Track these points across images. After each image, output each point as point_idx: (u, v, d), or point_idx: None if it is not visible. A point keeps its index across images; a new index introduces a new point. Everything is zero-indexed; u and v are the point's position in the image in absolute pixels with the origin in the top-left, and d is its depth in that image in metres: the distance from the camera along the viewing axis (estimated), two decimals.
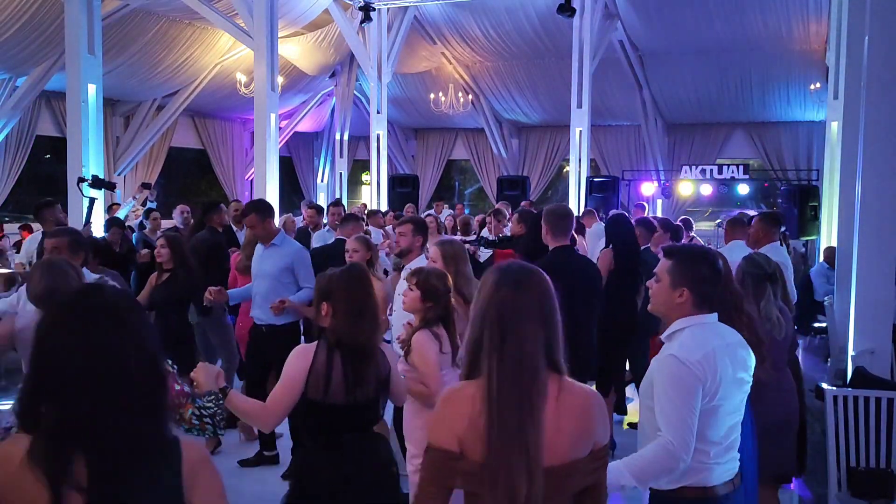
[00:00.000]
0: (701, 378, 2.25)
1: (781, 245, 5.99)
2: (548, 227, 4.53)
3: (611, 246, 5.44)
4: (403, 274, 4.25)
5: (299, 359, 2.69)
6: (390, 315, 4.32)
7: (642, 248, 5.83)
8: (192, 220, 8.14)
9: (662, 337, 2.44)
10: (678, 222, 7.97)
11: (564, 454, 1.72)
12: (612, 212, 8.07)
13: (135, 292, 5.80)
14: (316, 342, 2.74)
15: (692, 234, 9.13)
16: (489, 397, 1.67)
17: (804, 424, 3.64)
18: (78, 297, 1.54)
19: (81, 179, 7.86)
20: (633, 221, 6.06)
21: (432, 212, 10.76)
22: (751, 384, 2.45)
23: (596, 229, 8.52)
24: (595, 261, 5.15)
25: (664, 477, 2.25)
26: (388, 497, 2.78)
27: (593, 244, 7.61)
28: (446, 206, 14.99)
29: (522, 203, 11.21)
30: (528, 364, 1.70)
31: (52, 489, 1.39)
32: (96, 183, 7.56)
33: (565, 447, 1.73)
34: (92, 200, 7.32)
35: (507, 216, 8.40)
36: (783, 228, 10.94)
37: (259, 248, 5.11)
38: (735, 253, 4.66)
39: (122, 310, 1.51)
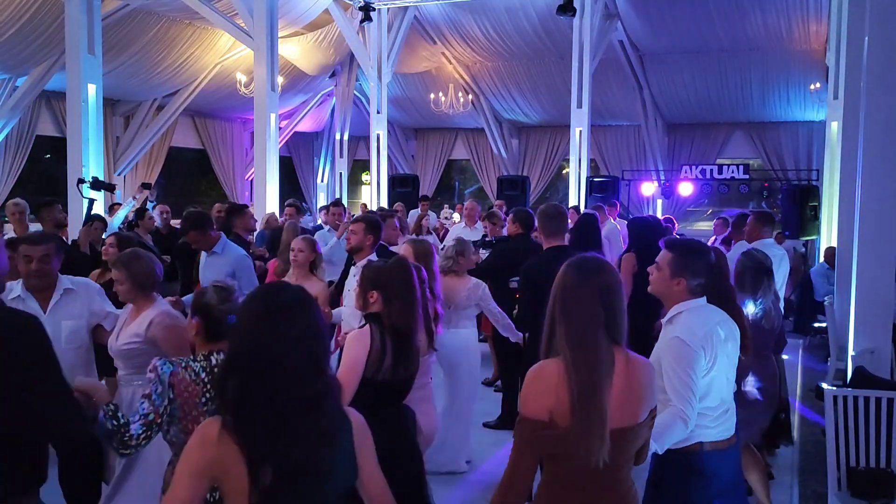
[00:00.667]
0: (701, 352, 2.61)
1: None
2: (540, 226, 4.55)
3: (633, 250, 5.40)
4: (353, 272, 4.50)
5: (358, 343, 2.98)
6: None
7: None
8: (170, 221, 8.09)
9: (663, 321, 2.76)
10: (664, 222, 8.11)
11: (634, 417, 2.02)
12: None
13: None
14: (367, 327, 3.04)
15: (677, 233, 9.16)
16: (567, 372, 1.95)
17: (785, 407, 4.19)
18: (267, 293, 1.85)
19: (81, 181, 7.84)
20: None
21: (417, 211, 10.76)
22: (738, 357, 2.84)
23: (607, 228, 8.44)
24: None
25: (676, 439, 2.57)
26: (419, 463, 3.12)
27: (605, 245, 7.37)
28: (447, 207, 14.99)
29: (496, 203, 11.29)
30: (590, 341, 1.97)
31: (248, 460, 1.63)
32: (96, 184, 7.55)
33: (635, 411, 2.03)
34: (91, 201, 7.30)
35: (503, 217, 8.39)
36: (783, 231, 10.98)
37: (202, 256, 5.18)
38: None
39: (302, 304, 1.78)
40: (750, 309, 3.92)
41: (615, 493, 2.03)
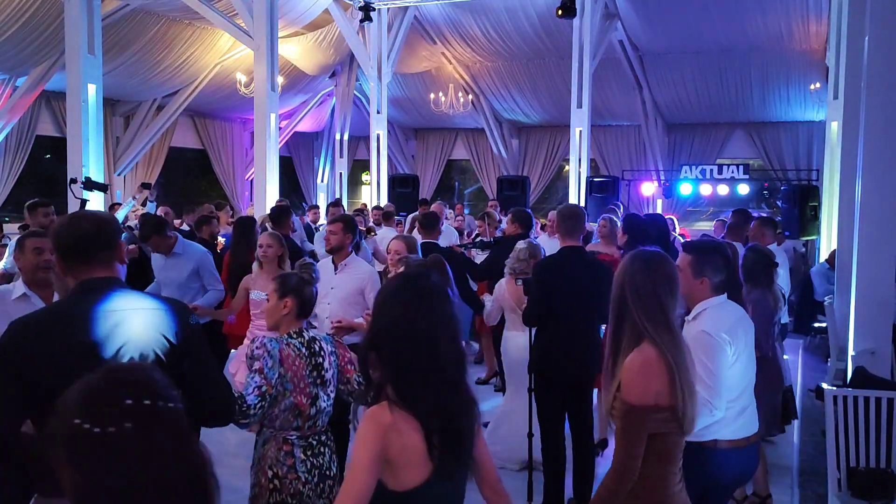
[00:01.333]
0: (727, 345, 2.79)
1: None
2: (556, 226, 4.55)
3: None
4: (331, 269, 4.62)
5: None
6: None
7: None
8: (171, 221, 8.01)
9: (688, 318, 2.93)
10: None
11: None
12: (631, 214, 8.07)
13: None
14: None
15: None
16: (662, 355, 2.21)
17: (787, 393, 4.54)
18: (410, 279, 2.00)
19: (73, 180, 7.81)
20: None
21: (417, 214, 10.79)
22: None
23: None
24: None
25: (701, 425, 2.65)
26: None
27: None
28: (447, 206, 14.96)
29: (490, 203, 11.32)
30: (672, 325, 2.28)
31: (424, 429, 1.82)
32: (88, 185, 7.52)
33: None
34: (83, 202, 7.27)
35: (497, 218, 8.42)
36: (783, 231, 10.98)
37: (160, 258, 5.24)
38: None
39: (443, 290, 1.97)
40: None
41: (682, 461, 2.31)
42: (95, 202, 9.00)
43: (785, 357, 4.87)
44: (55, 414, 1.16)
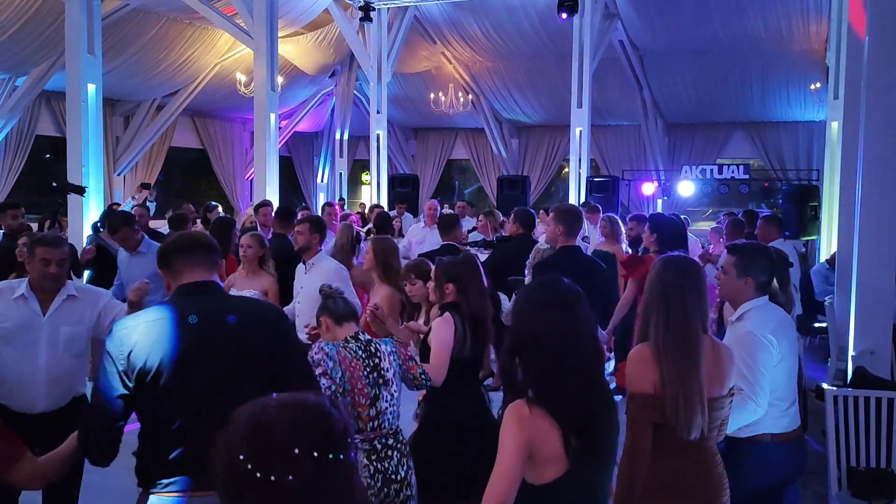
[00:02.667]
0: (773, 345, 2.87)
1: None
2: (562, 226, 4.46)
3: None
4: (302, 270, 4.79)
5: (447, 327, 3.37)
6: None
7: None
8: (147, 221, 7.84)
9: (732, 318, 3.04)
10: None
11: (721, 389, 2.45)
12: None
13: None
14: (448, 314, 3.41)
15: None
16: (657, 353, 2.34)
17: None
18: (545, 286, 2.13)
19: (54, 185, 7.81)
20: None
21: (394, 212, 10.78)
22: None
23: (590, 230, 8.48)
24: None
25: (746, 421, 2.83)
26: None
27: None
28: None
29: (458, 205, 11.35)
30: (693, 329, 2.37)
31: (561, 428, 1.89)
32: (63, 188, 7.41)
33: (721, 385, 2.46)
34: (59, 205, 7.22)
35: (501, 219, 8.44)
36: (783, 231, 10.98)
37: (126, 256, 5.27)
38: None
39: (575, 294, 2.07)
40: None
41: (706, 459, 2.41)
42: (98, 203, 9.01)
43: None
44: (221, 435, 1.09)
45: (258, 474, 1.03)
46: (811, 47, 14.08)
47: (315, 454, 1.04)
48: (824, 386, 4.35)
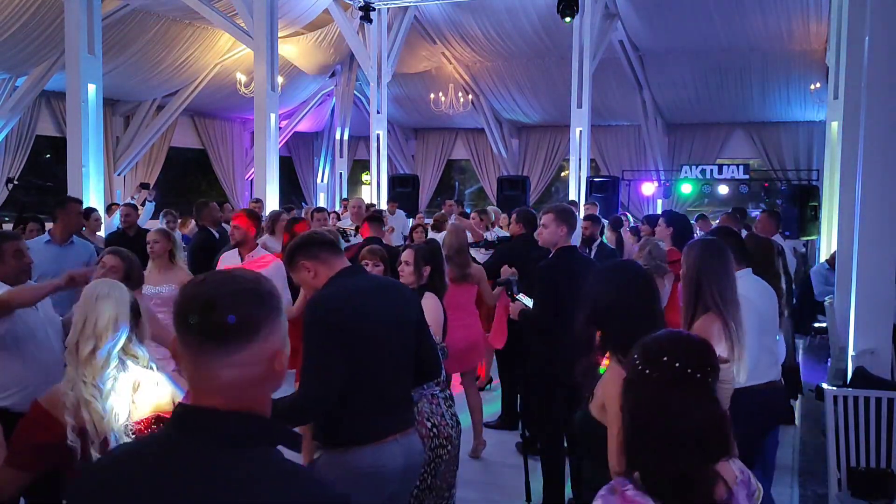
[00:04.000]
0: (758, 309, 3.33)
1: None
2: (565, 227, 4.42)
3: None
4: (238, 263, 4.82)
5: (437, 305, 3.87)
6: None
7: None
8: (134, 220, 7.71)
9: None
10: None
11: None
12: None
13: None
14: (430, 294, 3.90)
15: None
16: (725, 321, 2.89)
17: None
18: (620, 266, 2.78)
19: (10, 180, 7.47)
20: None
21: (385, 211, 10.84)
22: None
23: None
24: None
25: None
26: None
27: None
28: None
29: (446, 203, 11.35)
30: (736, 299, 2.94)
31: None
32: (25, 186, 7.14)
33: None
34: (22, 203, 6.93)
35: (493, 218, 8.46)
36: (783, 231, 11.00)
37: (53, 248, 5.03)
38: None
39: (646, 274, 2.56)
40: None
41: None
42: (97, 203, 9.01)
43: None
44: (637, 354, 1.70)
45: (647, 371, 1.65)
46: (811, 47, 14.09)
47: (677, 364, 1.63)
48: (824, 386, 4.35)
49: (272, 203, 10.53)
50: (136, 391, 2.32)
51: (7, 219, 12.85)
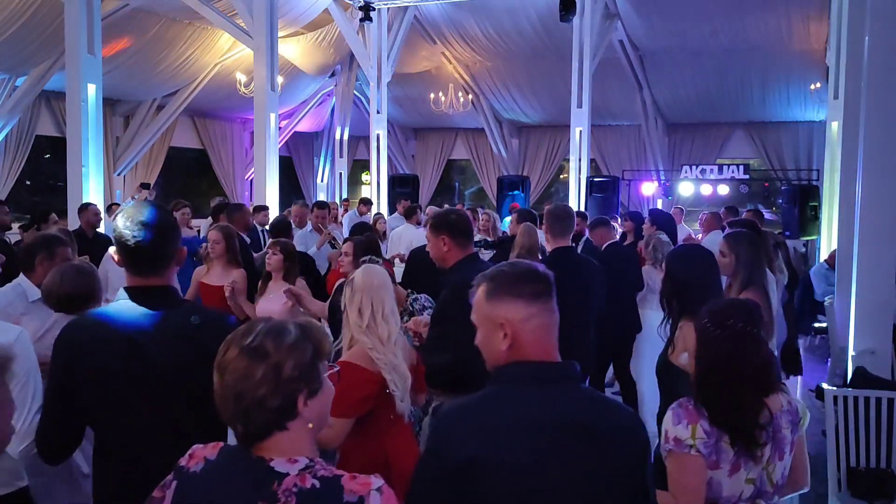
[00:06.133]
0: None
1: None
2: (546, 227, 4.50)
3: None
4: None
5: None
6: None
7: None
8: (98, 225, 7.47)
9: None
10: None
11: None
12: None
13: None
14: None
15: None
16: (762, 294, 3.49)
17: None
18: (693, 249, 3.33)
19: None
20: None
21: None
22: None
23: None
24: None
25: None
26: None
27: None
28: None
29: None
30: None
31: None
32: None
33: None
34: (33, 205, 7.03)
35: (482, 219, 8.39)
36: (784, 231, 11.00)
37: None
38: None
39: (710, 255, 3.12)
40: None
41: None
42: (98, 202, 9.01)
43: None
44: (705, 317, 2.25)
45: (716, 331, 2.19)
46: (811, 47, 14.08)
47: (740, 324, 2.17)
48: (824, 386, 4.35)
49: (272, 204, 10.53)
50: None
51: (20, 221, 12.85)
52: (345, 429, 2.71)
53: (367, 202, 12.26)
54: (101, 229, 7.60)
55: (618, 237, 6.94)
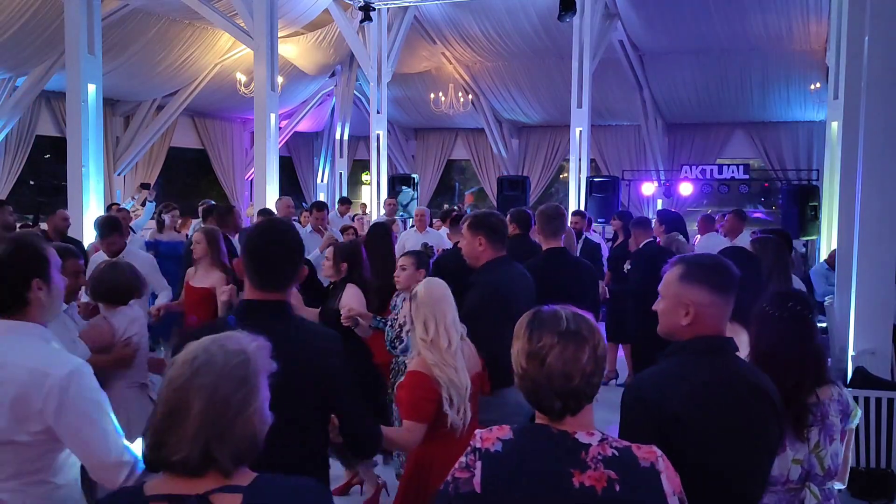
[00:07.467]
0: None
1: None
2: (538, 227, 4.48)
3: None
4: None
5: (358, 293, 4.33)
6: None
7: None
8: (67, 228, 7.26)
9: None
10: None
11: None
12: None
13: None
14: (351, 285, 4.36)
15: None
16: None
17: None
18: (740, 250, 3.32)
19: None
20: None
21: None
22: None
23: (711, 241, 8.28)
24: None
25: None
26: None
27: None
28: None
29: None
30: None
31: None
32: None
33: None
34: (38, 206, 7.05)
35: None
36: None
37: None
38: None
39: (754, 259, 3.27)
40: None
41: None
42: (97, 203, 9.00)
43: None
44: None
45: (774, 313, 2.38)
46: (811, 47, 14.08)
47: (798, 308, 2.36)
48: None
49: (272, 204, 10.52)
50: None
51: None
52: (421, 433, 2.84)
53: (345, 202, 12.20)
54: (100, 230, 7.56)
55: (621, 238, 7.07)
